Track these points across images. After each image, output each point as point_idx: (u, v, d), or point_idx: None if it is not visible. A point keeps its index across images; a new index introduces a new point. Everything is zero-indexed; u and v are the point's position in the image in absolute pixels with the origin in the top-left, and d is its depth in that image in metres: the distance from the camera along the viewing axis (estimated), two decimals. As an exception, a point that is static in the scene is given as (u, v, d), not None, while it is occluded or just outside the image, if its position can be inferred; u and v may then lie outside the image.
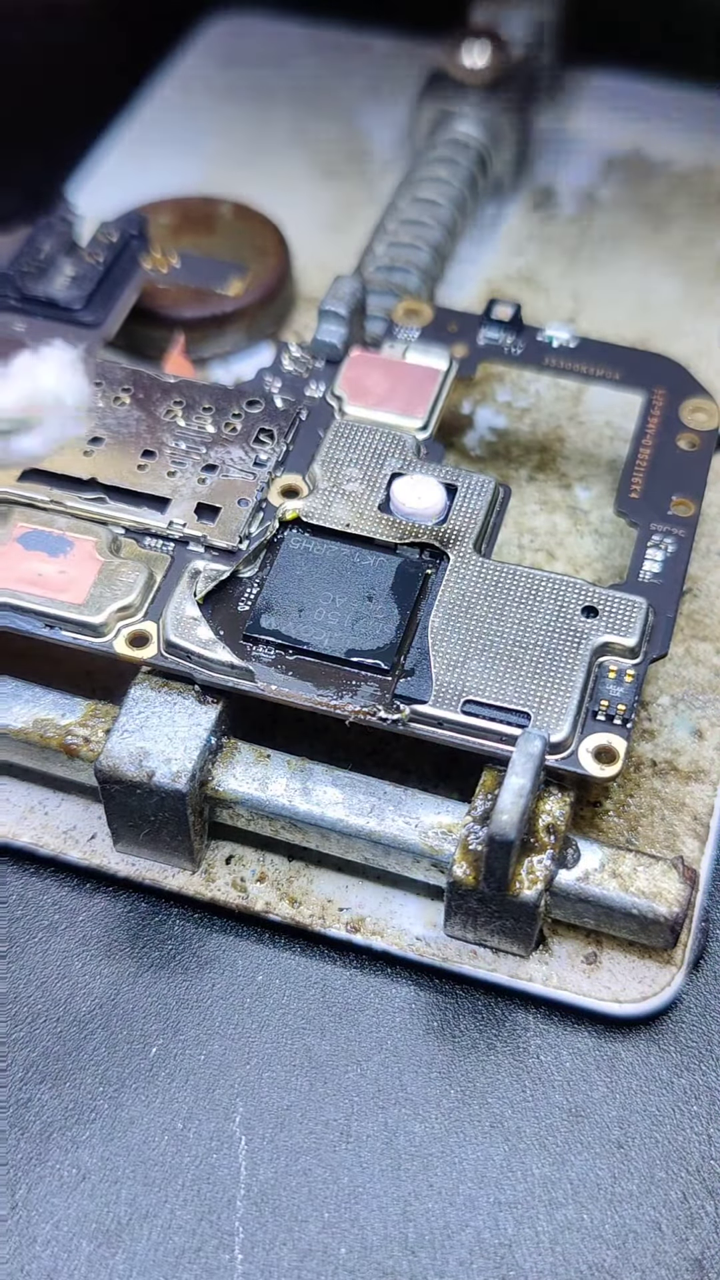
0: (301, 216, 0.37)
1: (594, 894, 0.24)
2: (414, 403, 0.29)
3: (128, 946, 0.26)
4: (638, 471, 0.29)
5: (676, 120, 0.40)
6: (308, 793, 0.25)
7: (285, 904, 0.26)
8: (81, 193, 0.38)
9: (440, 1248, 0.23)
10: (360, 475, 0.28)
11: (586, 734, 0.25)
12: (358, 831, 0.25)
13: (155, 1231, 0.23)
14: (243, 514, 0.27)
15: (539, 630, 0.26)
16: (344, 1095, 0.25)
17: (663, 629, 0.26)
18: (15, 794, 0.27)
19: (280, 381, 0.30)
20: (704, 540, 0.31)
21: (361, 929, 0.26)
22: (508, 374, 0.34)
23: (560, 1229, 0.23)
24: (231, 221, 0.36)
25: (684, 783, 0.27)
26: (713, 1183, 0.24)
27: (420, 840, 0.25)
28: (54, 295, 0.31)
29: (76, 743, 0.26)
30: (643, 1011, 0.25)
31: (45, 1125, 0.24)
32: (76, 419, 0.24)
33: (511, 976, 0.25)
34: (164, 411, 0.29)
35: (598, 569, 0.30)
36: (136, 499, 0.28)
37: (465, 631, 0.26)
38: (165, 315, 0.33)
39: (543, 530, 0.31)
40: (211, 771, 0.25)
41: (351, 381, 0.30)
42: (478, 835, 0.24)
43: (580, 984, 0.25)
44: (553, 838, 0.24)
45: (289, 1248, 0.23)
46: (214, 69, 0.42)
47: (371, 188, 0.38)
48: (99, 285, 0.31)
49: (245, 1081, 0.25)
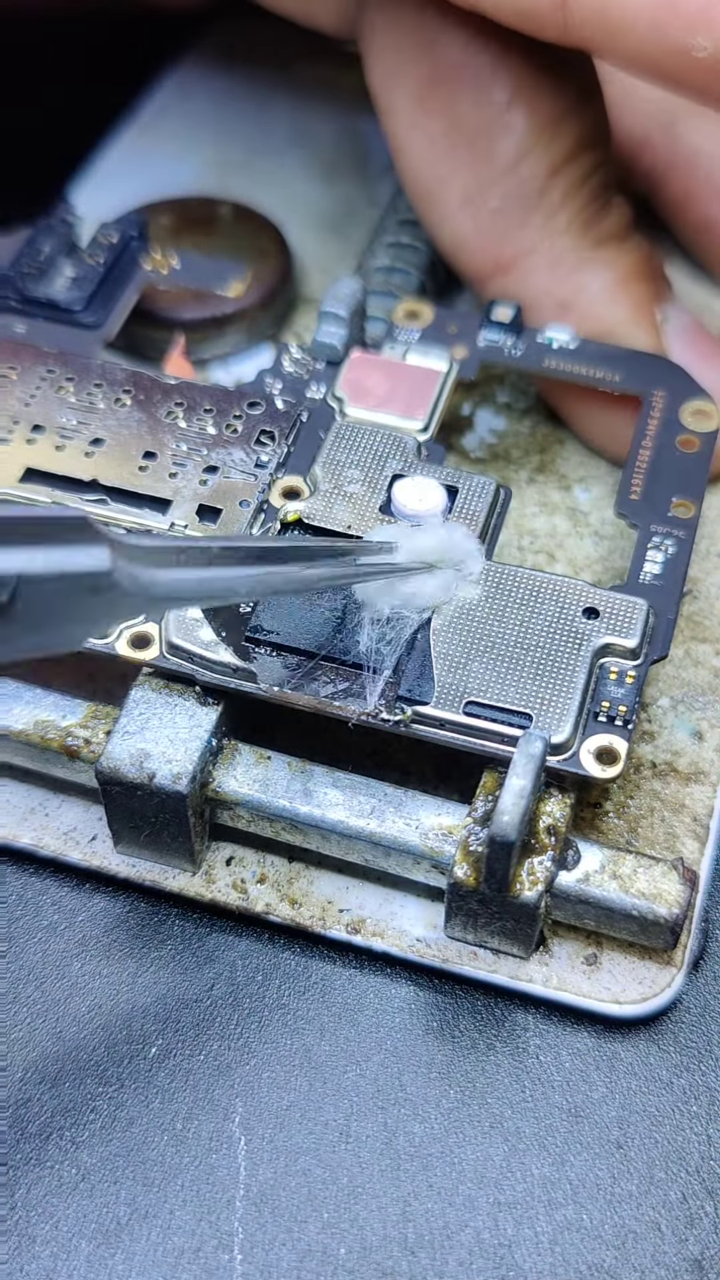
0: (302, 217, 0.37)
1: (594, 895, 0.24)
2: (414, 404, 0.29)
3: (127, 947, 0.26)
4: (638, 473, 0.29)
5: None
6: (308, 794, 0.25)
7: (286, 905, 0.26)
8: (82, 194, 0.38)
9: (440, 1248, 0.23)
10: (361, 477, 0.28)
11: (588, 735, 0.25)
12: (358, 833, 0.25)
13: (154, 1231, 0.23)
14: (244, 515, 0.27)
15: (540, 632, 0.26)
16: (344, 1095, 0.25)
17: (663, 630, 0.26)
18: (16, 795, 0.27)
19: (281, 383, 0.30)
20: (704, 542, 0.31)
21: (362, 930, 0.26)
22: (508, 375, 0.34)
23: (560, 1229, 0.23)
24: (232, 223, 0.36)
25: (684, 784, 0.27)
26: (712, 1183, 0.24)
27: (421, 842, 0.25)
28: (54, 296, 0.31)
29: (77, 744, 0.26)
30: (643, 1012, 0.25)
31: (45, 1125, 0.24)
32: (460, 583, 0.26)
33: (512, 978, 0.25)
34: (165, 413, 0.29)
35: (598, 571, 0.30)
36: (138, 500, 0.28)
37: (467, 633, 0.26)
38: (165, 316, 0.33)
39: (543, 532, 0.31)
40: (212, 773, 0.25)
41: (352, 383, 0.30)
42: (478, 836, 0.24)
43: (580, 985, 0.25)
44: (553, 839, 0.24)
45: (288, 1248, 0.23)
46: (214, 70, 0.42)
47: (371, 189, 0.38)
48: (99, 286, 0.31)
49: (245, 1081, 0.25)
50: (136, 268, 0.32)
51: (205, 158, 0.39)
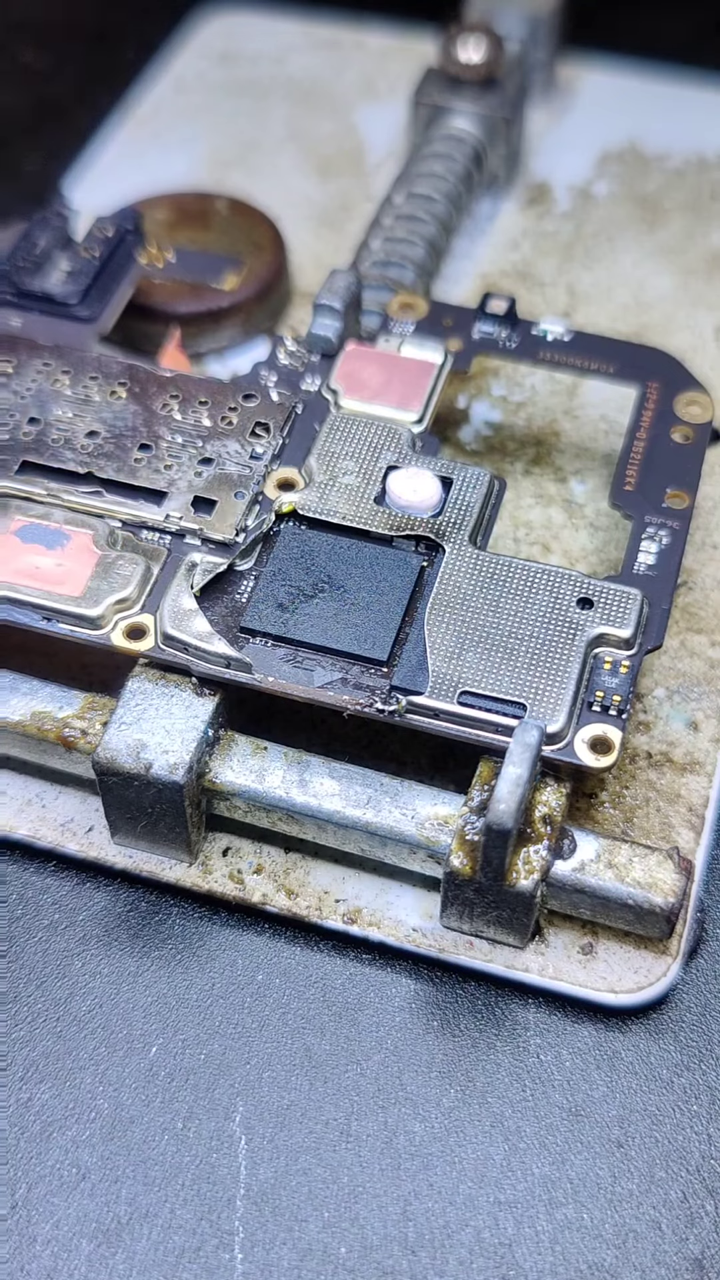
0: (297, 211, 0.37)
1: (590, 884, 0.24)
2: (409, 396, 0.29)
3: (128, 946, 0.26)
4: (632, 464, 0.28)
5: (671, 114, 0.39)
6: (304, 784, 0.25)
7: (282, 895, 0.26)
8: (77, 188, 0.37)
9: (440, 1247, 0.23)
10: (356, 468, 0.27)
11: (582, 725, 0.24)
12: (354, 823, 0.25)
13: (155, 1231, 0.23)
14: (239, 507, 0.27)
15: (535, 622, 0.25)
16: (344, 1095, 0.24)
17: (658, 621, 0.26)
18: (13, 786, 0.27)
19: (276, 375, 0.29)
20: (699, 533, 0.30)
21: (358, 920, 0.25)
22: (503, 368, 0.33)
23: (560, 1228, 0.23)
24: (227, 217, 0.35)
25: (679, 774, 0.27)
26: (713, 1182, 0.23)
27: (417, 831, 0.24)
28: (50, 290, 0.30)
29: (74, 735, 0.25)
30: (638, 1002, 0.25)
31: (45, 1125, 0.24)
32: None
33: (508, 967, 0.25)
34: (160, 405, 0.28)
35: (593, 562, 0.30)
36: (133, 492, 0.27)
37: (461, 623, 0.25)
38: (161, 310, 0.33)
39: (538, 523, 0.30)
40: (209, 763, 0.25)
41: (347, 375, 0.29)
42: (474, 826, 0.24)
43: (576, 974, 0.25)
44: (549, 828, 0.24)
45: (289, 1247, 0.23)
46: (210, 64, 0.41)
47: (367, 183, 0.38)
48: (95, 280, 0.31)
49: (245, 1081, 0.24)
50: (132, 261, 0.32)
51: (201, 152, 0.39)
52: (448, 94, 0.36)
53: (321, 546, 0.26)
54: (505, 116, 0.36)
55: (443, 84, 0.36)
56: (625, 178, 0.38)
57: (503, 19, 0.37)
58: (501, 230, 0.37)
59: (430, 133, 0.36)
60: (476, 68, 0.36)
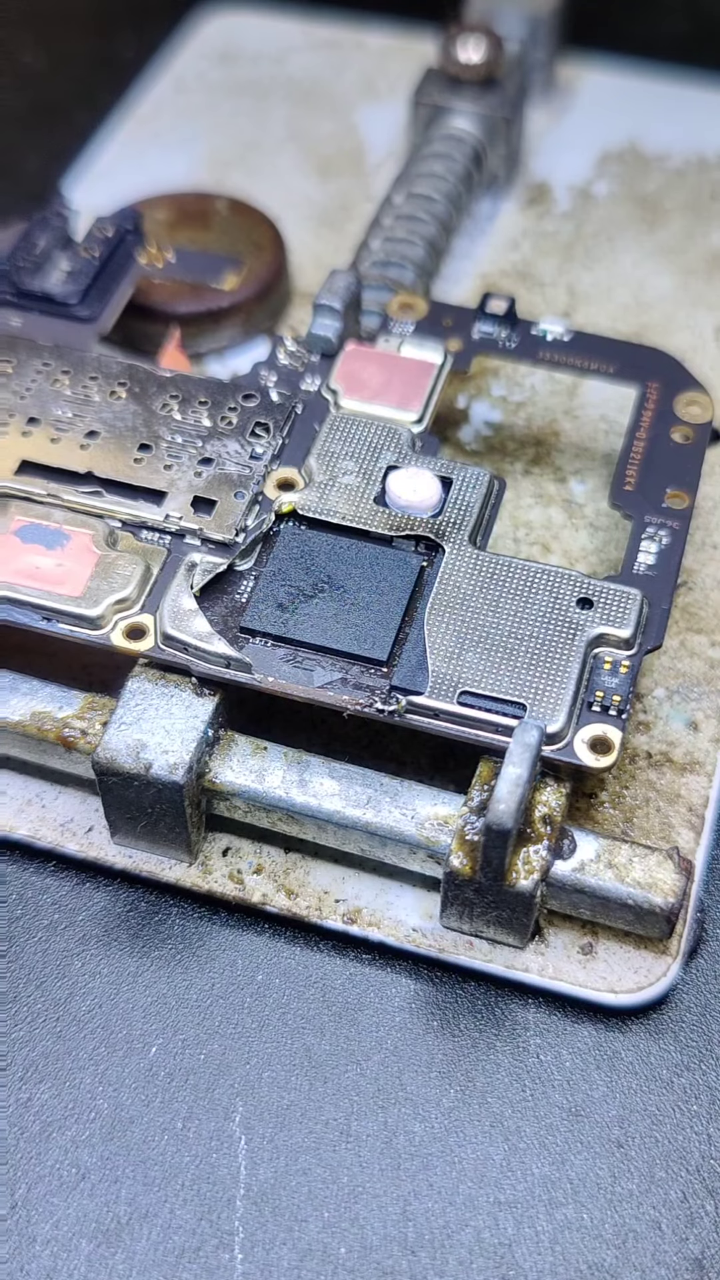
0: (297, 212, 0.37)
1: (590, 884, 0.24)
2: (409, 396, 0.28)
3: (128, 946, 0.26)
4: (632, 464, 0.28)
5: (671, 114, 0.39)
6: (304, 784, 0.25)
7: (282, 895, 0.25)
8: (77, 188, 0.37)
9: (440, 1247, 0.22)
10: (356, 468, 0.27)
11: (582, 725, 0.24)
12: (354, 823, 0.24)
13: (155, 1231, 0.23)
14: (239, 507, 0.27)
15: (534, 622, 0.25)
16: (344, 1095, 0.24)
17: (657, 621, 0.26)
18: (13, 787, 0.27)
19: (276, 375, 0.29)
20: (698, 533, 0.30)
21: (358, 920, 0.25)
22: (502, 368, 0.33)
23: (560, 1229, 0.23)
24: (227, 217, 0.35)
25: (679, 774, 0.27)
26: (713, 1182, 0.23)
27: (417, 831, 0.24)
28: (50, 290, 0.30)
29: (74, 735, 0.25)
30: (638, 1002, 0.24)
31: (45, 1125, 0.24)
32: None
33: (507, 967, 0.25)
34: (160, 405, 0.28)
35: (593, 562, 0.30)
36: (133, 492, 0.27)
37: (461, 623, 0.25)
38: (161, 310, 0.33)
39: (538, 523, 0.30)
40: (208, 763, 0.25)
41: (347, 375, 0.29)
42: (474, 826, 0.24)
43: (576, 974, 0.25)
44: (549, 828, 0.24)
45: (289, 1247, 0.22)
46: (210, 64, 0.41)
47: (367, 183, 0.38)
48: (94, 280, 0.30)
49: (245, 1081, 0.24)
50: (132, 261, 0.31)
51: (201, 152, 0.39)
52: (448, 94, 0.36)
53: (321, 546, 0.26)
54: (505, 116, 0.36)
55: (443, 84, 0.36)
56: (625, 178, 0.38)
57: (503, 19, 0.37)
58: (501, 230, 0.36)
59: (430, 133, 0.35)
60: (476, 68, 0.35)
